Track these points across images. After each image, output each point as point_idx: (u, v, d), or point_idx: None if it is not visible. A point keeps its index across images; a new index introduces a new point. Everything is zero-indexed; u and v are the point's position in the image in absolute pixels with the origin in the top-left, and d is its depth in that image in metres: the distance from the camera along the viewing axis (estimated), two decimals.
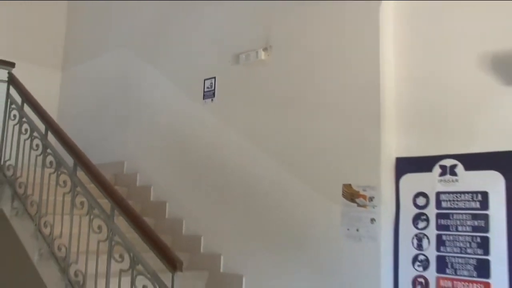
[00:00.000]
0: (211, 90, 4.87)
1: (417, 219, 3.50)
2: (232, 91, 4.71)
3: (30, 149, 4.02)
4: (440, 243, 3.38)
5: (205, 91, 4.92)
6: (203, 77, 4.97)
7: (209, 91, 4.88)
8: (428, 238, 3.43)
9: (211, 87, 4.87)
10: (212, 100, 4.85)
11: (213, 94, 4.85)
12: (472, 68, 3.42)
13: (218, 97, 4.82)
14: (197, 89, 5.00)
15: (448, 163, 3.43)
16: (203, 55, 5.08)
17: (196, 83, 5.03)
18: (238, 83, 4.66)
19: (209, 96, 4.88)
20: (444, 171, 3.44)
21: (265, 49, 4.41)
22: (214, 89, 4.85)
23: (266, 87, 4.41)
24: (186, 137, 5.06)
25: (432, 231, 3.43)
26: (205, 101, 4.92)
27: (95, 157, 4.28)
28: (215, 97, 4.83)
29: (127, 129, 5.87)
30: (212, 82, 4.87)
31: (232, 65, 4.70)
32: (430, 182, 3.49)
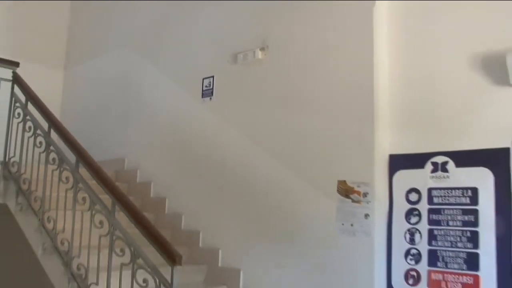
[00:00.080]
0: (209, 88, 4.87)
1: (409, 214, 3.52)
2: (230, 90, 4.71)
3: (33, 146, 4.05)
4: (431, 237, 3.40)
5: (203, 90, 4.93)
6: (202, 76, 4.97)
7: (207, 90, 4.89)
8: (420, 232, 3.45)
9: (209, 86, 4.88)
10: (210, 98, 4.86)
11: (212, 92, 4.85)
12: (463, 68, 3.43)
13: (216, 95, 4.82)
14: (196, 88, 5.00)
15: (439, 160, 3.44)
16: (202, 55, 5.08)
17: (195, 82, 5.03)
18: (236, 82, 4.66)
19: (207, 94, 4.89)
20: (435, 167, 3.46)
21: (262, 49, 4.41)
22: (212, 88, 4.85)
23: (263, 85, 4.41)
24: (185, 134, 5.06)
25: (424, 226, 3.44)
26: (204, 100, 4.92)
27: (96, 154, 4.28)
28: (214, 95, 4.83)
29: (128, 127, 5.87)
30: (210, 81, 4.88)
31: (230, 64, 4.70)
32: (422, 178, 3.50)
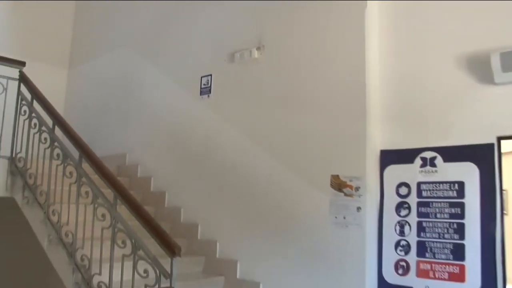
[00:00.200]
0: (207, 86, 4.89)
1: (399, 207, 3.56)
2: (227, 88, 4.72)
3: (39, 142, 4.06)
4: (420, 229, 3.44)
5: (202, 88, 4.94)
6: (200, 75, 4.98)
7: (205, 88, 4.90)
8: (409, 224, 3.49)
9: (207, 84, 4.89)
10: (208, 96, 4.87)
11: (210, 90, 4.86)
12: (450, 67, 3.48)
13: (214, 93, 4.83)
14: (194, 86, 5.02)
15: (428, 155, 3.49)
16: (200, 54, 5.08)
17: (193, 80, 5.04)
18: (233, 80, 4.67)
19: (205, 92, 4.90)
20: (424, 162, 3.50)
21: (258, 49, 4.43)
22: (210, 86, 4.86)
23: (259, 84, 4.42)
24: (184, 130, 5.07)
25: (413, 218, 3.49)
26: (202, 97, 4.92)
27: (99, 150, 4.34)
28: (211, 93, 4.84)
29: (129, 123, 5.87)
30: (208, 79, 4.89)
31: (227, 63, 4.72)
32: (411, 173, 3.54)
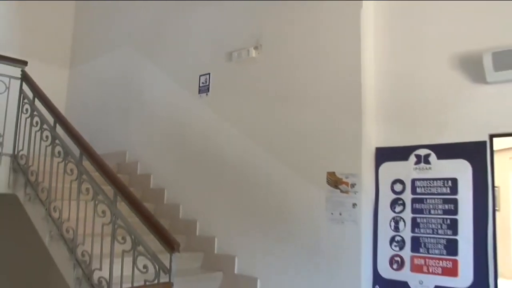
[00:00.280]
0: (206, 85, 4.89)
1: (394, 203, 3.57)
2: (225, 86, 4.73)
3: (40, 140, 4.07)
4: (414, 225, 3.46)
5: (200, 86, 4.94)
6: (199, 73, 4.98)
7: (204, 86, 4.90)
8: (404, 220, 3.50)
9: (206, 82, 4.89)
10: (207, 94, 4.87)
11: (208, 88, 4.86)
12: (444, 67, 3.49)
13: (212, 91, 4.83)
14: (193, 84, 5.02)
15: (422, 152, 3.50)
16: (199, 53, 5.08)
17: (192, 78, 5.04)
18: (230, 78, 4.68)
19: (204, 90, 4.90)
20: (419, 159, 3.51)
21: (256, 48, 4.43)
22: (208, 84, 4.86)
23: (256, 82, 4.43)
24: (183, 128, 5.07)
25: (407, 215, 3.50)
26: (201, 95, 4.93)
27: (99, 148, 4.34)
28: (210, 91, 4.85)
29: (129, 121, 5.87)
30: (207, 77, 4.89)
31: (225, 62, 4.72)
32: (406, 170, 3.55)
